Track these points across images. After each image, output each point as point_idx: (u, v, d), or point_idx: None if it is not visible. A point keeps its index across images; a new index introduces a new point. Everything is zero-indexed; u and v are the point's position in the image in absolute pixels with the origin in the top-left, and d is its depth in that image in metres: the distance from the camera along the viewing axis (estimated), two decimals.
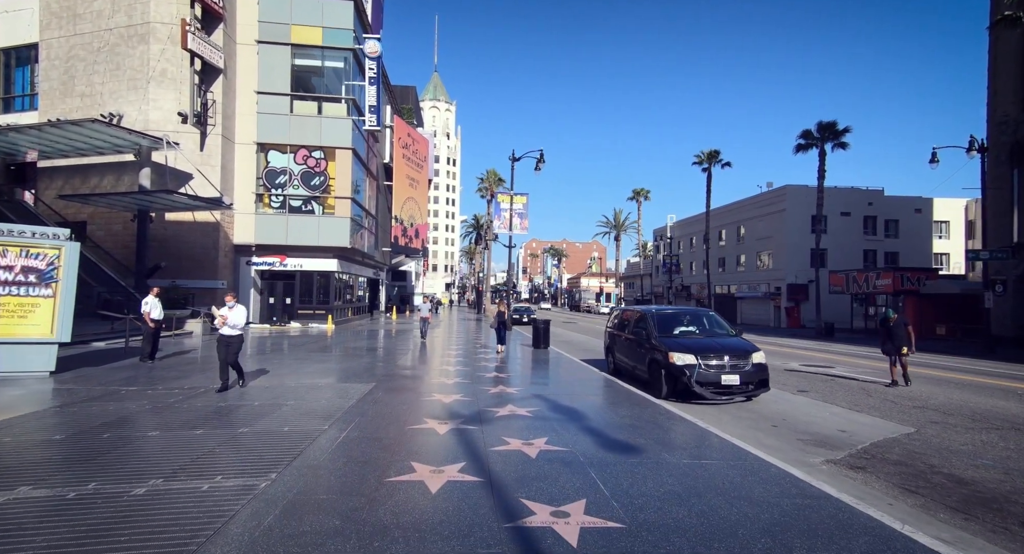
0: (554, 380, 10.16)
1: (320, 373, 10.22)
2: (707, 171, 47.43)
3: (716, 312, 10.79)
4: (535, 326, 16.44)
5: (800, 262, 40.75)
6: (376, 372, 10.53)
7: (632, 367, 10.29)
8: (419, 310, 17.50)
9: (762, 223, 44.74)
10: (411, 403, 7.39)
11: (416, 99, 60.17)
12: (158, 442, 5.34)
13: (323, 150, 24.67)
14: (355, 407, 7.04)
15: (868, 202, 41.17)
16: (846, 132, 32.75)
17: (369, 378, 9.68)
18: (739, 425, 7.07)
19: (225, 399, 7.50)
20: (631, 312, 11.07)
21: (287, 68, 24.34)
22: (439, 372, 10.86)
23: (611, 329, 11.94)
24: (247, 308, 26.05)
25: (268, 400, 7.43)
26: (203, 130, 22.79)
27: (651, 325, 9.38)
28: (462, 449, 5.25)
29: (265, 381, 9.13)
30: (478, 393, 8.34)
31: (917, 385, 11.00)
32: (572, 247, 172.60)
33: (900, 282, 29.53)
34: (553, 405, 7.47)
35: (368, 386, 8.73)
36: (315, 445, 5.30)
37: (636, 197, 69.36)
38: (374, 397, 7.75)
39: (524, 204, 27.89)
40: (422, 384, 9.23)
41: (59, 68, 23.64)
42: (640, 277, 72.58)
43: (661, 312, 9.95)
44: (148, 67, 22.37)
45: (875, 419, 7.73)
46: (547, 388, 9.04)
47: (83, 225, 23.38)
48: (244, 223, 24.26)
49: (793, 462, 5.24)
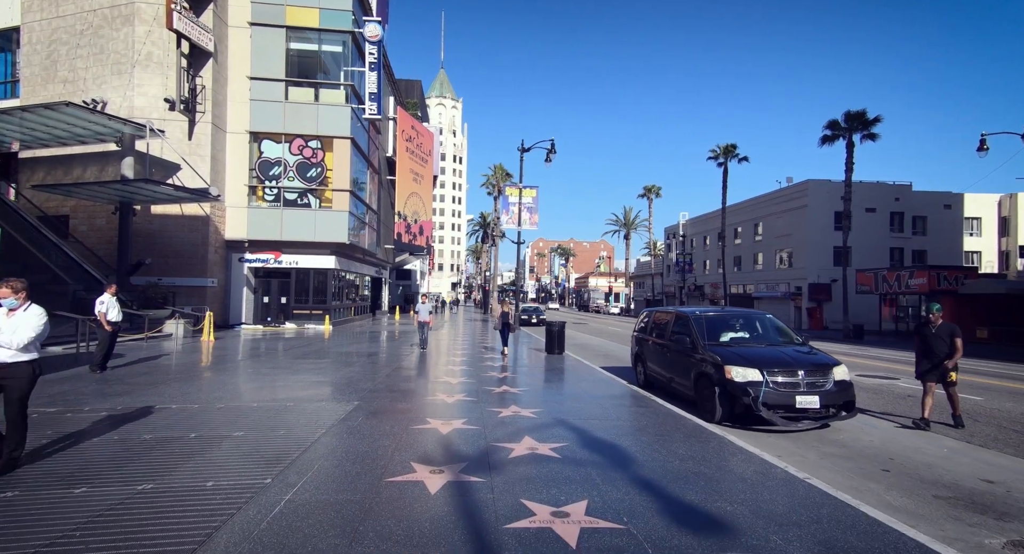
0: (577, 396, 8.48)
1: (297, 386, 8.65)
2: (723, 166, 45.60)
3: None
4: (549, 329, 14.81)
5: (823, 260, 38.82)
6: (363, 385, 8.94)
7: (667, 379, 8.64)
8: (417, 312, 14.49)
9: (782, 220, 42.80)
10: (398, 434, 5.74)
11: (422, 94, 58.65)
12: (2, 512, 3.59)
13: (320, 139, 23.15)
14: (322, 441, 5.43)
15: (895, 197, 39.14)
16: (876, 122, 30.83)
17: (352, 394, 8.08)
18: (837, 469, 5.28)
19: (151, 428, 5.79)
20: (665, 314, 9.39)
21: (282, 52, 22.83)
22: (438, 385, 9.23)
23: (640, 334, 10.27)
24: (240, 305, 25.07)
25: (212, 428, 5.80)
26: (191, 118, 21.33)
27: (696, 330, 7.70)
28: (461, 528, 3.44)
29: (225, 397, 7.55)
30: (485, 417, 6.70)
31: (1006, 402, 9.22)
32: (579, 246, 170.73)
33: (936, 281, 27.59)
34: (584, 437, 5.81)
35: (349, 407, 7.12)
36: (236, 521, 3.49)
37: (647, 194, 67.58)
38: (351, 425, 6.15)
39: (534, 198, 26.24)
40: (416, 403, 7.58)
41: (41, 53, 22.28)
42: (651, 276, 70.66)
43: (706, 314, 8.16)
44: (133, 50, 20.95)
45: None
46: (571, 409, 7.38)
47: (65, 219, 22.04)
48: (236, 217, 22.79)
49: (960, 545, 3.58)
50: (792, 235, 41.32)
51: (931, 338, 7.13)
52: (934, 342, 7.09)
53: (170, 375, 9.40)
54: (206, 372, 9.91)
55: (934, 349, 7.07)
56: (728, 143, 44.94)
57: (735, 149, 44.88)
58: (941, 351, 7.01)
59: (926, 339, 7.19)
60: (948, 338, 7.02)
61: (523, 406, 7.42)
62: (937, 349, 7.04)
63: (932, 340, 7.11)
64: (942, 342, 7.03)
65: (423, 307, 15.56)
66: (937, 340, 7.07)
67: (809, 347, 7.41)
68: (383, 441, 5.47)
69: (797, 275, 40.75)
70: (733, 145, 44.84)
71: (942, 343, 7.03)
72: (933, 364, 7.06)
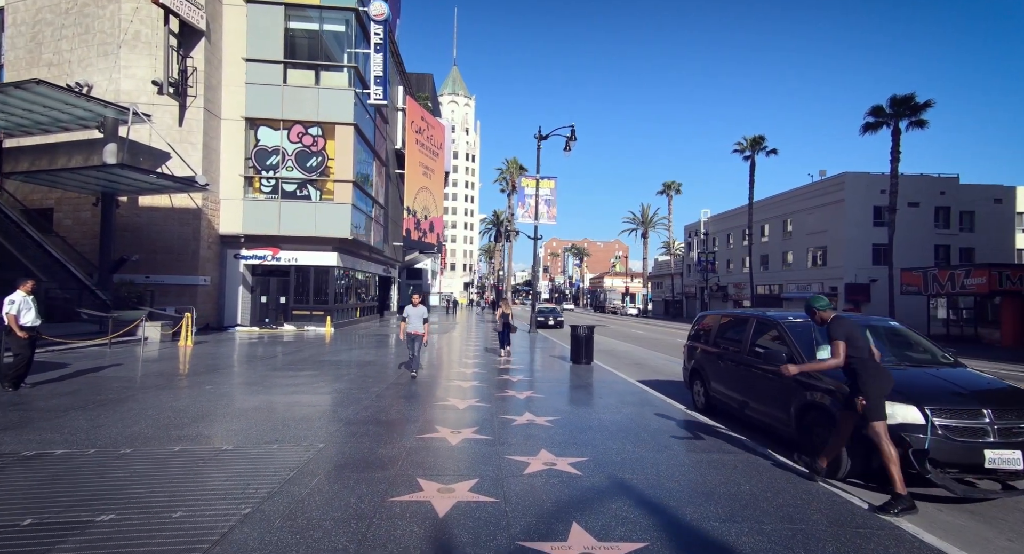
0: (623, 430, 6.25)
1: (254, 413, 6.65)
2: (749, 159, 43.18)
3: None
4: (575, 334, 12.78)
5: (860, 258, 36.16)
6: (342, 412, 6.91)
7: (740, 403, 6.57)
8: (406, 319, 9.98)
9: (814, 215, 40.16)
10: (368, 516, 3.62)
11: (434, 88, 56.94)
12: None
13: (321, 126, 21.37)
14: (245, 528, 3.37)
15: (940, 191, 36.29)
16: (925, 107, 28.24)
17: (323, 427, 6.05)
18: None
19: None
20: (735, 320, 7.26)
21: (280, 31, 21.09)
22: (440, 412, 7.19)
23: (695, 343, 8.18)
24: (236, 306, 23.21)
25: (77, 501, 3.77)
26: (182, 102, 19.68)
27: (796, 344, 5.59)
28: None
29: (142, 434, 5.51)
30: (504, 475, 4.52)
31: None
32: (593, 246, 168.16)
33: (997, 281, 24.91)
34: (662, 517, 3.77)
35: (308, 453, 5.01)
36: None
37: (667, 191, 65.14)
38: (301, 493, 4.02)
39: (552, 189, 24.17)
40: (404, 448, 5.32)
41: (25, 34, 20.85)
42: (670, 276, 68.11)
43: (806, 321, 5.99)
44: (119, 29, 19.36)
45: None
46: (623, 455, 5.20)
47: (49, 212, 20.58)
48: (231, 210, 21.10)
49: None
50: (826, 232, 38.68)
51: None
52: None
53: (101, 395, 7.52)
54: (150, 391, 7.99)
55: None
56: (756, 135, 42.52)
57: (763, 141, 42.43)
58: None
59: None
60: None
61: (557, 451, 5.35)
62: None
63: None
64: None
65: (413, 312, 9.89)
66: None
67: (971, 371, 5.21)
68: (339, 538, 3.31)
69: (831, 274, 38.10)
70: (761, 137, 42.40)
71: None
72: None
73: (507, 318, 14.29)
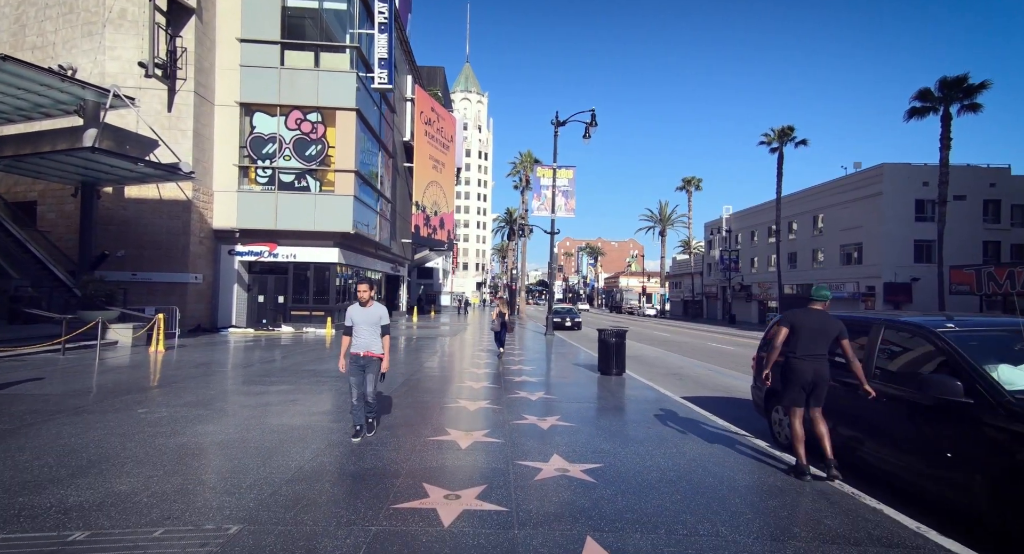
0: (699, 491, 4.20)
1: (166, 463, 4.60)
2: (776, 151, 40.85)
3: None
4: (603, 341, 10.90)
5: (900, 256, 33.64)
6: (297, 451, 5.01)
7: (850, 444, 4.66)
8: (351, 331, 5.47)
9: (848, 210, 37.64)
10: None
11: (445, 82, 55.38)
12: None
13: (321, 112, 19.79)
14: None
15: (990, 183, 33.59)
16: (981, 89, 25.76)
17: (246, 497, 3.83)
18: None
19: None
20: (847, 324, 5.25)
21: (277, 9, 19.56)
22: (433, 451, 5.38)
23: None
24: (231, 306, 21.64)
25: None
26: (171, 85, 18.23)
27: (977, 369, 3.67)
28: None
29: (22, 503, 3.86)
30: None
31: None
32: (608, 245, 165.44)
33: None
34: None
35: (222, 536, 3.16)
36: None
37: (686, 186, 62.87)
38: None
39: (570, 180, 22.30)
40: (370, 520, 3.47)
41: (9, 16, 19.61)
42: (690, 276, 65.65)
43: (979, 329, 4.14)
44: (104, 7, 17.97)
45: None
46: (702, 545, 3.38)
47: (32, 205, 19.27)
48: (225, 202, 19.62)
49: None
50: (862, 227, 36.17)
51: None
52: None
53: (30, 424, 5.84)
54: (56, 417, 6.10)
55: None
56: (784, 126, 40.17)
57: (791, 132, 40.05)
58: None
59: None
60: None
61: (594, 523, 3.53)
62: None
63: None
64: None
65: (361, 317, 5.49)
66: None
67: None
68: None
69: (868, 273, 35.60)
70: (790, 127, 40.03)
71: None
72: None
73: (504, 318, 13.77)
